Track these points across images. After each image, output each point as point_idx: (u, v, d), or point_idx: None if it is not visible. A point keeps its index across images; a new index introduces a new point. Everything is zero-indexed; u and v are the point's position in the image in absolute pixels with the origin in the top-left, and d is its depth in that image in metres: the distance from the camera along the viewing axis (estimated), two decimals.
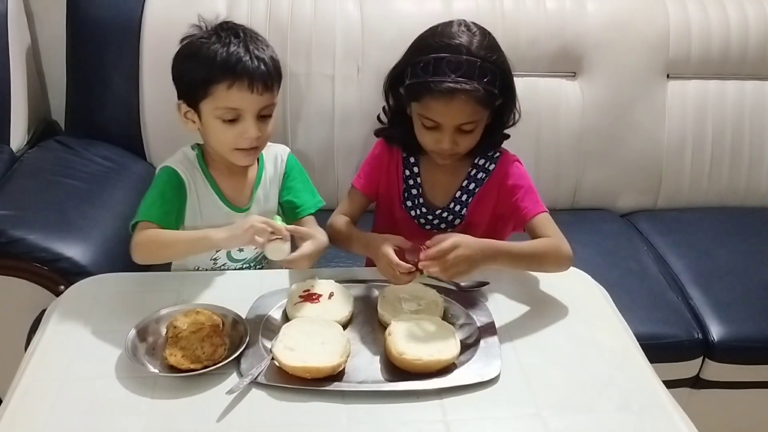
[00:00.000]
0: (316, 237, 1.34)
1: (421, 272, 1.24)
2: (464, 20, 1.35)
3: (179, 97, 1.36)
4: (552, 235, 1.34)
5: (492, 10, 2.00)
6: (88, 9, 1.94)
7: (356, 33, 1.98)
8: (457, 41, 1.29)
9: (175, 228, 1.35)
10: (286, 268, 1.34)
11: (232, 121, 1.31)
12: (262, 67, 1.30)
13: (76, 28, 1.95)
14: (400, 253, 1.26)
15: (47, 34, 2.12)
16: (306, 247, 1.31)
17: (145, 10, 1.93)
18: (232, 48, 1.29)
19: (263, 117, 1.33)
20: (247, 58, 1.28)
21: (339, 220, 1.46)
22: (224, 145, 1.35)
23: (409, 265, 1.24)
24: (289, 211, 1.48)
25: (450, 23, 1.34)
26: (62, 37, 1.98)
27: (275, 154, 1.49)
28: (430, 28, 1.36)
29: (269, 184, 1.47)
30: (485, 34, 1.34)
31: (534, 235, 1.37)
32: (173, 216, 1.35)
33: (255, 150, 1.36)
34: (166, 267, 1.44)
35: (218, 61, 1.28)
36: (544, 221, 1.37)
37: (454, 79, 1.26)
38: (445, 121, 1.32)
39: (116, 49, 1.95)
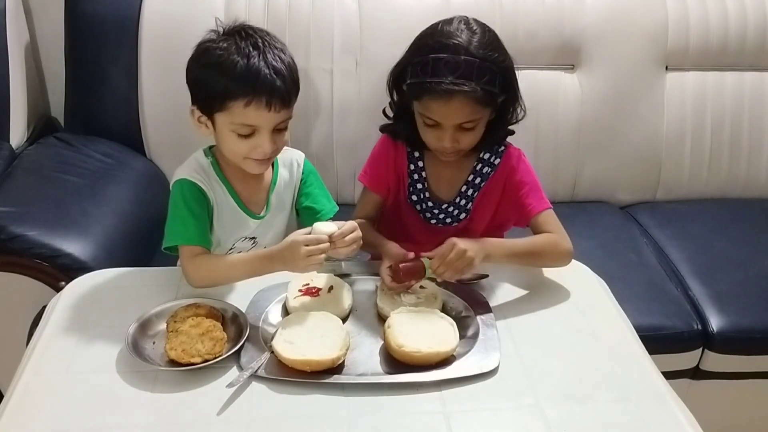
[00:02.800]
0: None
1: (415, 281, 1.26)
2: (465, 17, 1.33)
3: (193, 102, 1.32)
4: (554, 231, 1.36)
5: (490, 3, 2.00)
6: (87, 5, 1.94)
7: (354, 27, 1.98)
8: (456, 41, 1.28)
9: (210, 242, 1.34)
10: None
11: (248, 135, 1.28)
12: (280, 82, 1.24)
13: (74, 24, 1.96)
14: (403, 260, 1.26)
15: (46, 31, 2.12)
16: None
17: (143, 6, 1.93)
18: (252, 61, 1.23)
19: (278, 130, 1.30)
20: (267, 71, 1.23)
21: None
22: (237, 155, 1.32)
23: (391, 282, 1.25)
24: (308, 216, 1.46)
25: (450, 21, 1.32)
26: (61, 34, 1.98)
27: (291, 160, 1.46)
28: (431, 26, 1.35)
29: (284, 189, 1.45)
30: (486, 31, 1.32)
31: (537, 231, 1.39)
32: (208, 231, 1.34)
33: (268, 160, 1.34)
34: (166, 262, 1.44)
35: (237, 76, 1.22)
36: (547, 218, 1.39)
37: (451, 80, 1.25)
38: (444, 121, 1.31)
39: (115, 45, 1.95)
